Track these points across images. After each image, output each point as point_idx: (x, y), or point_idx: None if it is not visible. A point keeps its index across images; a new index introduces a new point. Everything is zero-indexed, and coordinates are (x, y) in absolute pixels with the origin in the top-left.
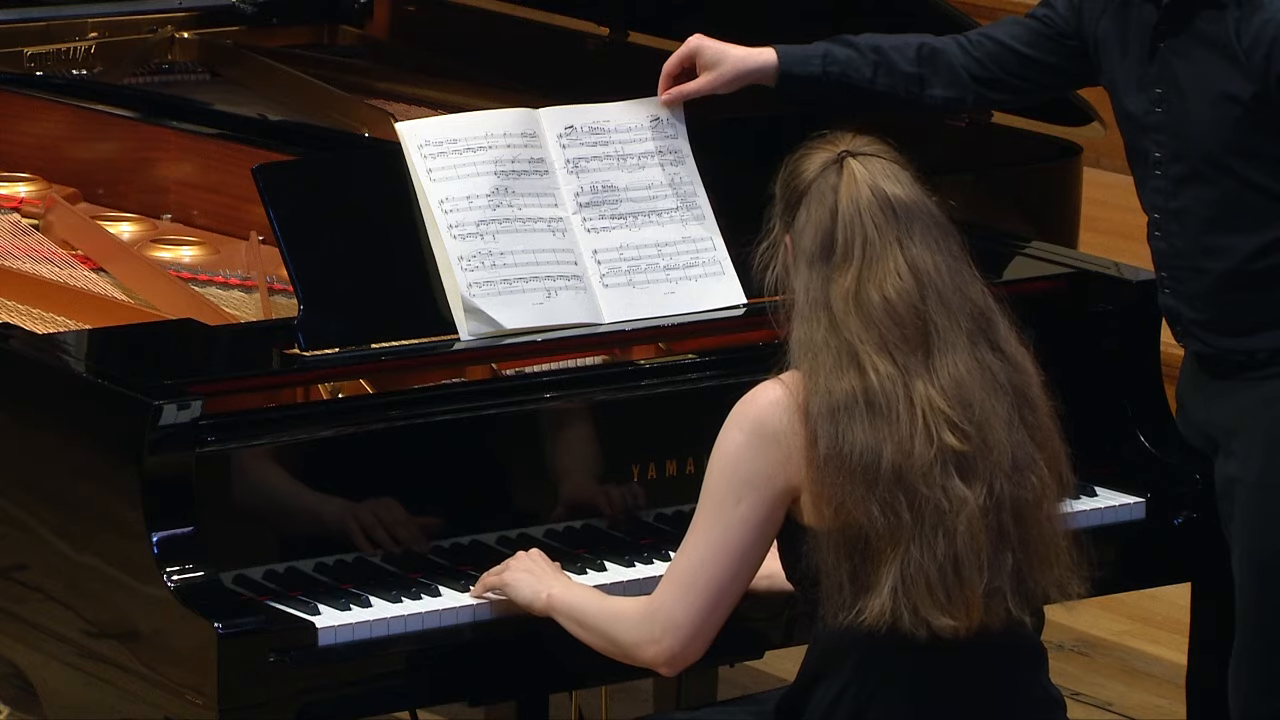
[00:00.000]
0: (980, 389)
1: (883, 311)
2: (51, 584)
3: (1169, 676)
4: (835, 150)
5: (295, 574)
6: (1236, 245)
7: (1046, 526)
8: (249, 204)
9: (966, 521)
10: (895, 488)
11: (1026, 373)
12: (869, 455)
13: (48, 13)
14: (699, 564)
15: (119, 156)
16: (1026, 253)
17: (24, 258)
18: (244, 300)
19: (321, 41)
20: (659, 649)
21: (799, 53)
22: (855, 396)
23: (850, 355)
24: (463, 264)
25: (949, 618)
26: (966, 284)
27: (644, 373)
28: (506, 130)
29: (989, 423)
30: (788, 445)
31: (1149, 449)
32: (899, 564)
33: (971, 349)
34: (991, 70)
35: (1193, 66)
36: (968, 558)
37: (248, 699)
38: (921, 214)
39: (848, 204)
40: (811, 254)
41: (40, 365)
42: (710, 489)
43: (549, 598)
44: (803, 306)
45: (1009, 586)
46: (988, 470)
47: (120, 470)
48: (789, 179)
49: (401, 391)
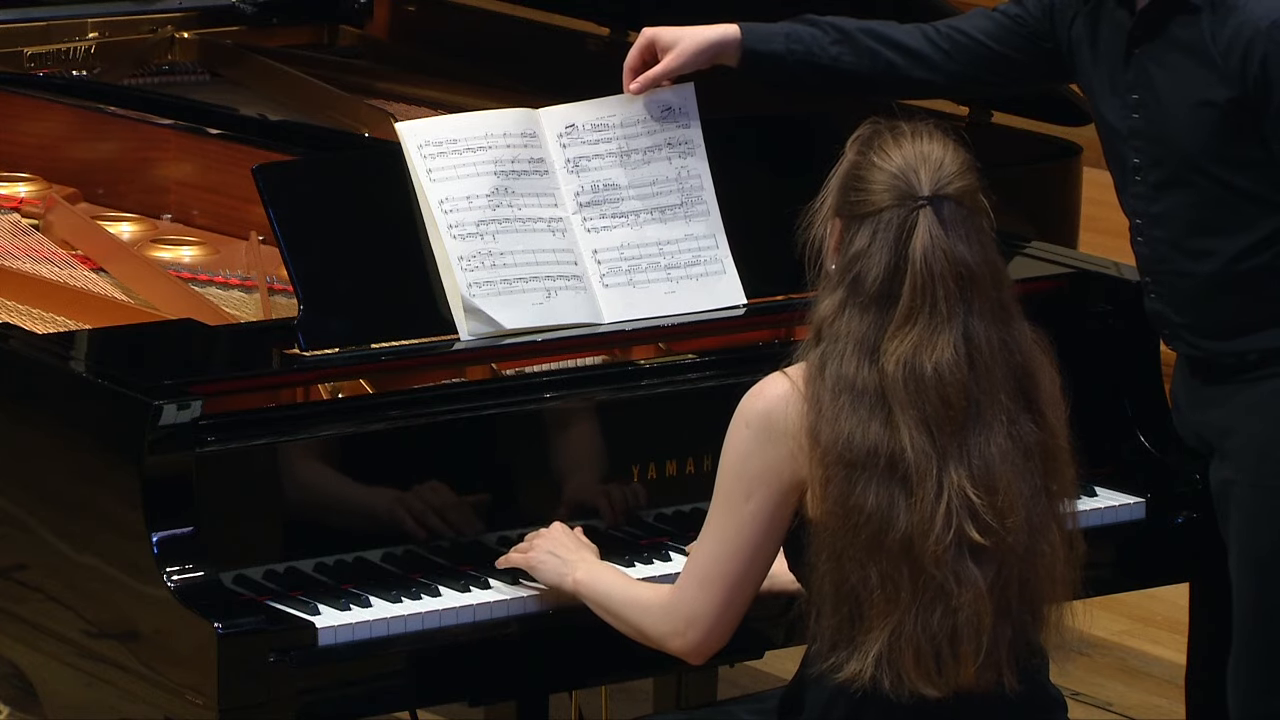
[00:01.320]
0: (1010, 470)
1: (933, 386)
2: (51, 584)
3: (1169, 676)
4: (915, 183)
5: (295, 574)
6: (1219, 248)
7: (1049, 589)
8: (249, 204)
9: (972, 602)
10: (901, 561)
11: (1058, 437)
12: (879, 521)
13: (48, 13)
14: (715, 559)
15: (119, 156)
16: (1026, 253)
17: (24, 258)
18: (244, 300)
19: (321, 42)
20: (684, 641)
21: (762, 30)
22: (879, 457)
23: (885, 413)
24: (463, 264)
25: (934, 689)
26: (1013, 346)
27: (644, 373)
28: (506, 130)
29: (1012, 507)
30: (794, 440)
31: (1149, 449)
32: (889, 633)
33: (1008, 426)
34: (959, 63)
35: (1169, 72)
36: (968, 635)
37: (248, 699)
38: (984, 278)
39: (920, 263)
40: (869, 294)
41: (40, 365)
42: (722, 485)
43: (575, 582)
44: (843, 339)
45: (1004, 656)
46: (1002, 553)
47: (120, 470)
48: (857, 180)
49: (401, 392)
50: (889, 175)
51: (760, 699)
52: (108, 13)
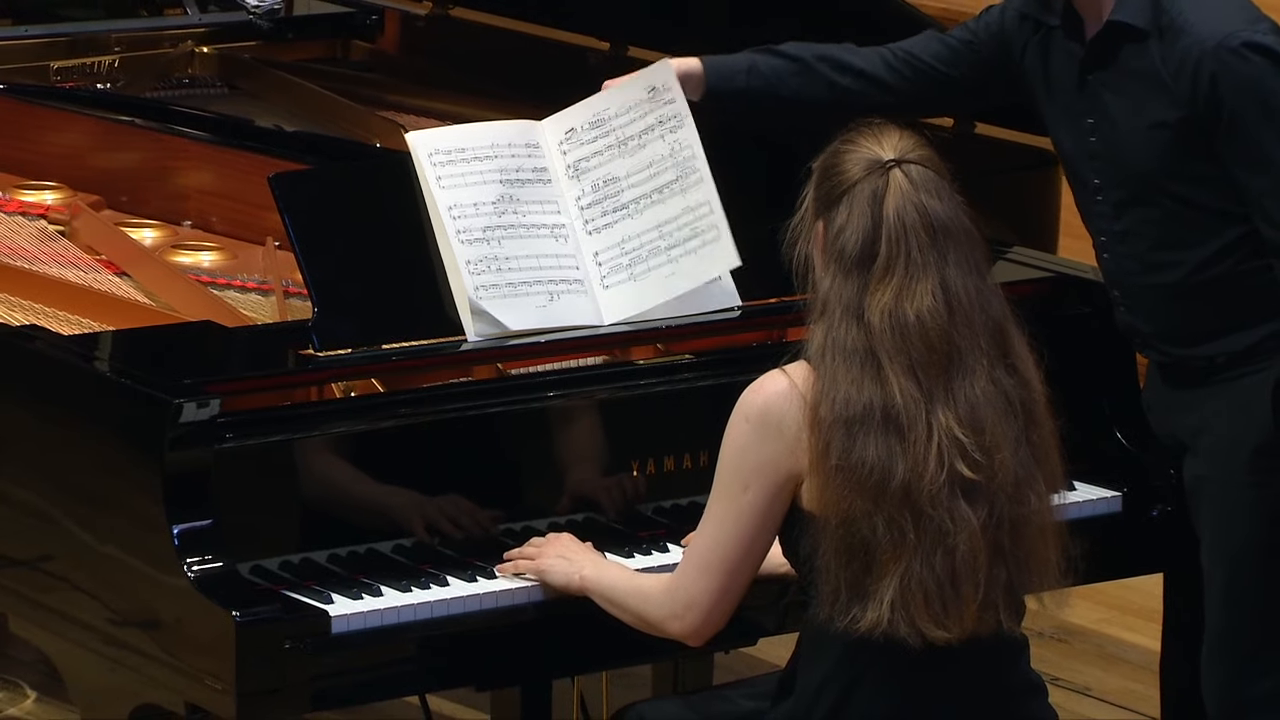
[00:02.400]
0: (994, 413)
1: (916, 332)
2: (76, 574)
3: (1144, 662)
4: (880, 153)
5: (310, 565)
6: (1182, 260)
7: (1039, 539)
8: (265, 211)
9: (967, 540)
10: (903, 506)
11: (1034, 389)
12: (880, 472)
13: (73, 28)
14: (713, 547)
15: (141, 165)
16: (1008, 257)
17: (50, 262)
18: (260, 303)
19: (334, 56)
20: (683, 624)
21: (724, 65)
22: (874, 410)
23: (875, 368)
24: (470, 268)
25: (943, 630)
26: (989, 300)
27: (642, 372)
28: (511, 140)
29: (998, 446)
30: (792, 435)
31: (1125, 446)
32: (899, 578)
33: (989, 371)
34: (916, 87)
35: (1122, 98)
36: (966, 574)
37: (264, 684)
38: (957, 231)
39: (894, 218)
40: (850, 260)
41: (65, 365)
42: (721, 477)
43: (582, 579)
44: (833, 309)
45: (1001, 599)
46: (991, 493)
47: (142, 465)
48: (830, 170)
49: (411, 390)
50: (856, 155)
51: (754, 684)
52: (130, 28)
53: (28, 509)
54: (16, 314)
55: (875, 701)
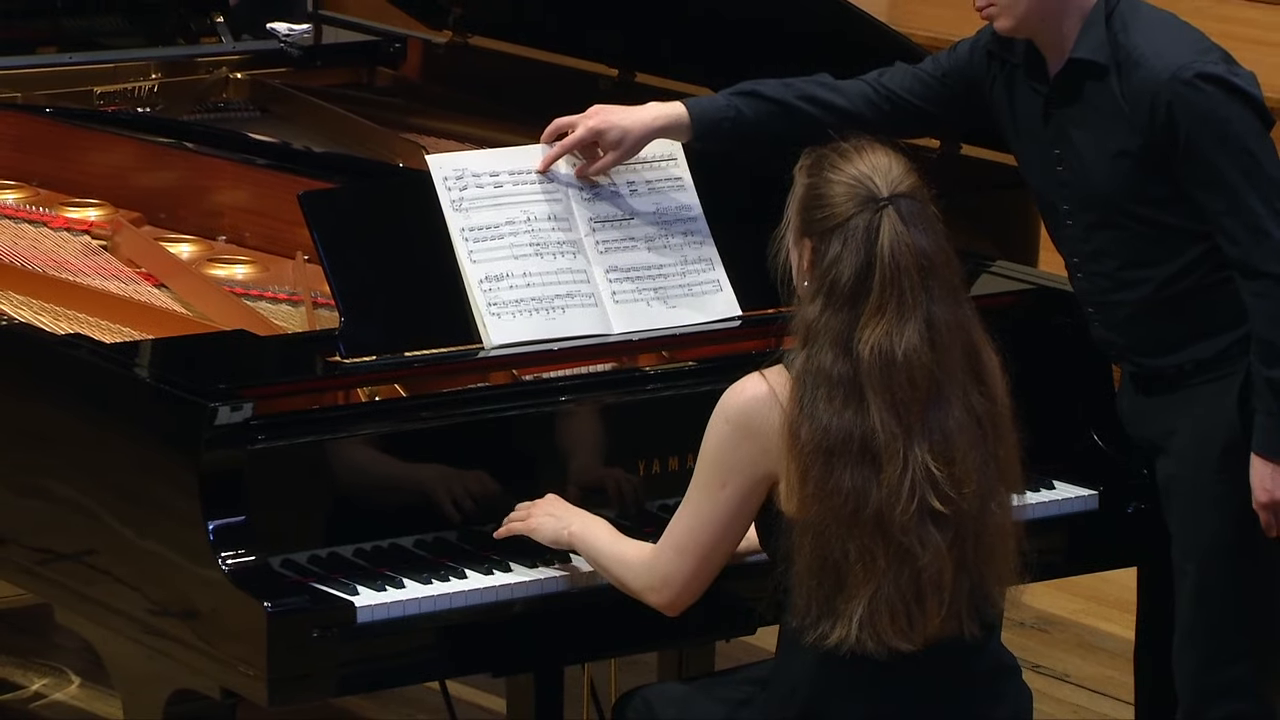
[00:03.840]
0: (965, 440)
1: (902, 369)
2: (118, 567)
3: (1120, 650)
4: (873, 187)
5: (336, 558)
6: (1151, 276)
7: (998, 544)
8: (295, 227)
9: (934, 560)
10: (875, 533)
11: (1000, 404)
12: (855, 501)
13: (115, 55)
14: (690, 532)
15: (179, 184)
16: (991, 271)
17: (94, 275)
18: (291, 313)
19: (360, 82)
20: (659, 597)
21: (708, 108)
22: (852, 440)
23: (859, 399)
24: (483, 285)
25: (908, 642)
26: (965, 325)
27: (648, 378)
28: (526, 164)
29: (968, 476)
30: (767, 438)
31: (1101, 446)
32: (868, 600)
33: (964, 398)
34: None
35: (1087, 131)
36: (931, 590)
37: (294, 670)
38: (941, 264)
39: (888, 258)
40: (843, 293)
41: (108, 372)
42: (701, 470)
43: (570, 534)
44: (821, 337)
45: (964, 607)
46: (958, 517)
47: (179, 465)
48: (820, 197)
49: (431, 395)
50: (847, 187)
51: (749, 670)
52: (169, 56)
53: (73, 506)
54: (62, 323)
55: (847, 703)
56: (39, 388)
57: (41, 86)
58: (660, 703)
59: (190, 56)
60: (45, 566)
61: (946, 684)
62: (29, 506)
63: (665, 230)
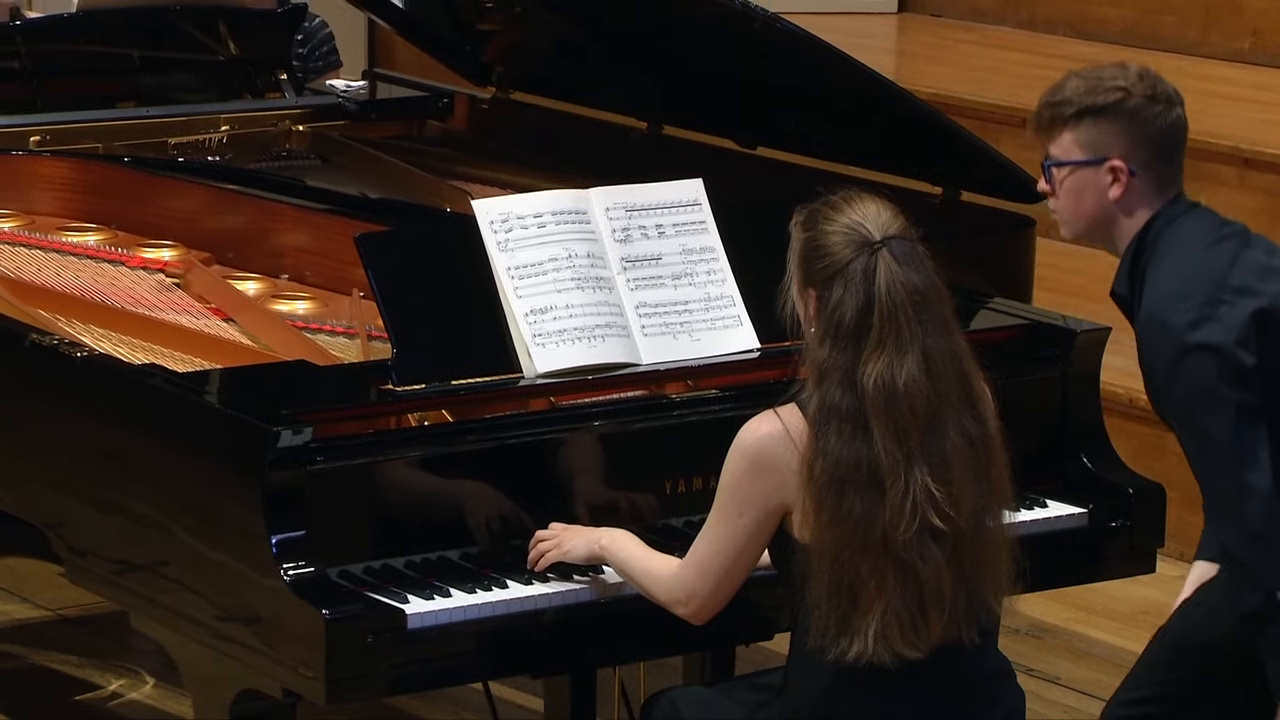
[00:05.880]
0: (960, 461)
1: (903, 398)
2: (188, 577)
3: (1107, 655)
4: (866, 232)
5: (388, 569)
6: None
7: (993, 557)
8: (352, 266)
9: (934, 572)
10: (884, 553)
11: (990, 426)
12: (865, 525)
13: (188, 110)
14: (711, 553)
15: (246, 227)
16: (990, 307)
17: (167, 310)
18: (347, 345)
19: (411, 134)
20: (686, 609)
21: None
22: (860, 467)
23: (864, 429)
24: (528, 319)
25: (914, 650)
26: (957, 353)
27: (675, 405)
28: (564, 207)
29: (965, 494)
30: (780, 473)
31: (1090, 468)
32: (880, 614)
33: (958, 421)
34: None
35: None
36: (933, 601)
37: (349, 672)
38: (933, 297)
39: (885, 296)
40: (846, 332)
41: (180, 399)
42: (719, 499)
43: (602, 546)
44: (829, 375)
45: (962, 614)
46: (956, 533)
47: (245, 484)
48: (819, 249)
49: (476, 420)
50: (842, 235)
51: (768, 674)
52: (237, 109)
53: (147, 521)
54: (139, 354)
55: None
56: (118, 413)
57: (121, 137)
58: (684, 703)
59: (256, 110)
60: (122, 577)
61: (949, 687)
62: (108, 522)
63: (690, 269)
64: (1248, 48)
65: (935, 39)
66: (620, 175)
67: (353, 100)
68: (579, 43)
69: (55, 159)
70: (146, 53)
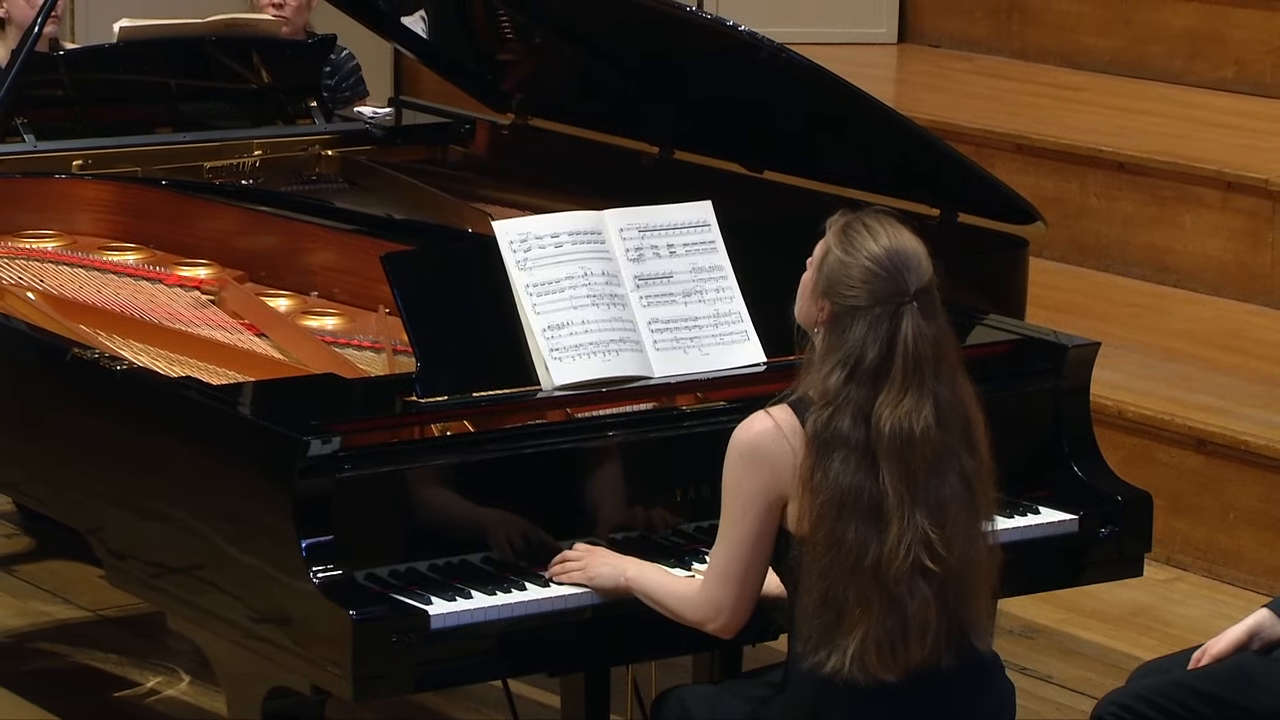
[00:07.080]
0: (957, 505)
1: (916, 444)
2: (222, 580)
3: (1097, 655)
4: (899, 280)
5: (412, 572)
6: None
7: (979, 587)
8: (378, 284)
9: (920, 608)
10: (872, 582)
11: (983, 460)
12: (858, 552)
13: (223, 135)
14: (727, 559)
15: (277, 247)
16: (985, 323)
17: (202, 325)
18: (373, 359)
19: (435, 158)
20: (717, 625)
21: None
22: (862, 497)
23: (871, 463)
24: (545, 334)
25: (890, 674)
26: (960, 393)
27: (686, 416)
28: (580, 227)
29: (956, 536)
30: (775, 464)
31: (1080, 477)
32: (861, 637)
33: (959, 463)
34: None
35: None
36: (916, 633)
37: (375, 670)
38: (947, 348)
39: (911, 349)
40: (867, 372)
41: (215, 410)
42: (725, 505)
43: (627, 579)
44: (841, 404)
45: (943, 641)
46: (945, 571)
47: (276, 491)
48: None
49: (496, 430)
50: (873, 274)
51: (770, 672)
52: (269, 135)
53: (183, 527)
54: (175, 367)
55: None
56: (155, 423)
57: (158, 161)
58: (693, 700)
59: (288, 136)
60: (159, 579)
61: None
62: (146, 527)
63: (700, 286)
64: (1230, 77)
65: (933, 68)
66: (633, 197)
67: (379, 126)
68: (594, 72)
69: (96, 182)
70: (183, 81)
